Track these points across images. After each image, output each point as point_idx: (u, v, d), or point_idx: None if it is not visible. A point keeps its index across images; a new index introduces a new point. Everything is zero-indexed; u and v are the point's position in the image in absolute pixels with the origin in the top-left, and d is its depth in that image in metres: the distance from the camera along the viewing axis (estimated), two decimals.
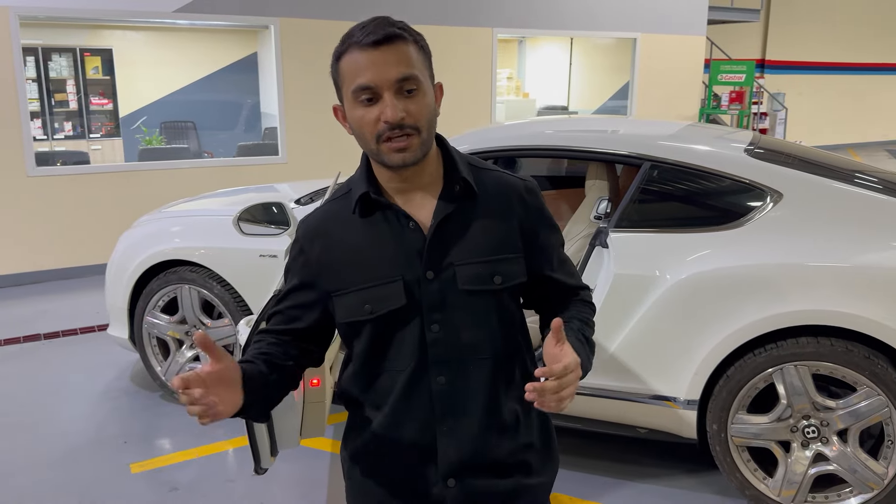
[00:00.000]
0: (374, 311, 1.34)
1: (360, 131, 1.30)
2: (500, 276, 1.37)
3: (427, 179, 1.37)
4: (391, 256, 1.35)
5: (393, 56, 1.25)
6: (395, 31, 1.26)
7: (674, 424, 2.90)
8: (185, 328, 3.81)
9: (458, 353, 1.37)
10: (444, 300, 1.35)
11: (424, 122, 1.29)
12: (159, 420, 3.73)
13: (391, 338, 1.37)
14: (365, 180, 1.36)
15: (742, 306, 2.68)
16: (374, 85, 1.25)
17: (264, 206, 3.51)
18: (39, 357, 4.60)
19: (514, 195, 1.42)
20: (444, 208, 1.35)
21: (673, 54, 10.08)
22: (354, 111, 1.29)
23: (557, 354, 1.24)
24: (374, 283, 1.34)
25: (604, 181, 3.53)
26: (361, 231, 1.37)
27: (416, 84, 1.27)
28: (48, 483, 3.16)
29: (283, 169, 7.34)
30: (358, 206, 1.36)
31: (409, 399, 1.38)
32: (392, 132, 1.25)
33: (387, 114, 1.24)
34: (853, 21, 17.09)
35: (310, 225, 1.43)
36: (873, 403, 2.61)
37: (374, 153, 1.31)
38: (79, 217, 6.44)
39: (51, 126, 8.90)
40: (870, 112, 17.82)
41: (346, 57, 1.29)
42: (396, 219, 1.35)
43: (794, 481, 2.75)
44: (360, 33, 1.27)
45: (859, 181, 2.94)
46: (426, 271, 1.34)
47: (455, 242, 1.36)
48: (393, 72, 1.24)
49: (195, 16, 6.76)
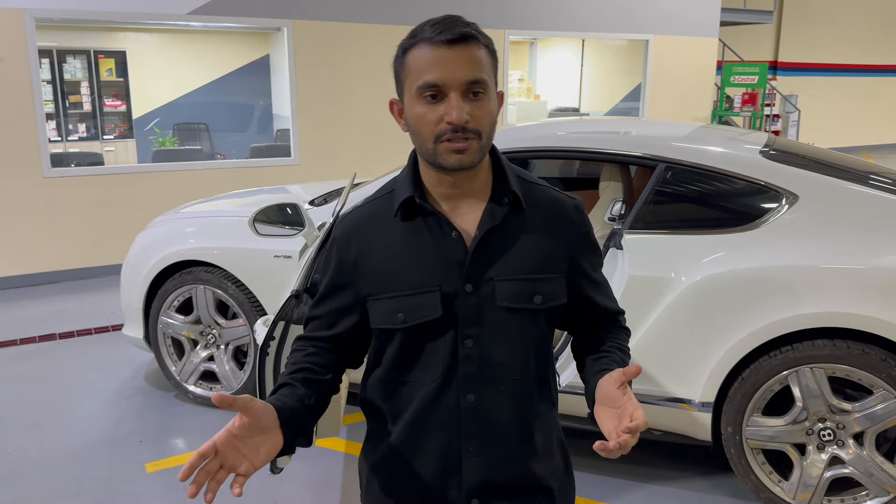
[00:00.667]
0: (406, 320, 1.29)
1: (419, 129, 1.25)
2: (541, 296, 1.32)
3: (476, 188, 1.32)
4: (430, 265, 1.29)
5: (465, 57, 1.21)
6: (470, 31, 1.22)
7: (688, 426, 2.89)
8: (200, 328, 3.83)
9: (490, 371, 1.31)
10: (480, 315, 1.29)
11: (486, 128, 1.24)
12: (174, 419, 3.76)
13: (422, 349, 1.32)
14: (411, 183, 1.31)
15: (758, 308, 2.67)
16: (443, 83, 1.20)
17: (279, 207, 3.52)
18: (55, 356, 4.63)
19: (563, 214, 1.38)
20: (490, 220, 1.30)
21: (685, 56, 10.05)
22: (415, 108, 1.24)
23: (619, 399, 1.19)
24: (410, 291, 1.29)
25: (618, 183, 3.53)
26: (401, 235, 1.31)
27: (483, 88, 1.23)
28: (64, 481, 3.19)
29: (296, 170, 7.37)
30: (400, 210, 1.31)
31: (434, 414, 1.33)
32: (454, 134, 1.21)
33: (451, 115, 1.20)
34: (866, 23, 16.99)
35: (347, 226, 1.37)
36: (890, 406, 2.59)
37: (429, 153, 1.25)
38: (93, 218, 6.49)
39: (65, 127, 8.97)
40: (883, 114, 17.70)
41: (415, 51, 1.23)
42: (439, 226, 1.30)
43: (809, 484, 2.74)
44: (432, 30, 1.21)
45: (874, 183, 2.92)
46: (465, 284, 1.29)
47: (497, 256, 1.30)
48: (463, 73, 1.20)
49: (208, 18, 6.80)
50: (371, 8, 7.51)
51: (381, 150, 7.73)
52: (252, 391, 3.74)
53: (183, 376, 3.90)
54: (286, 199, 3.71)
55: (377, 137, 7.73)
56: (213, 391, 3.86)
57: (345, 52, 7.47)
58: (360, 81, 7.60)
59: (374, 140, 7.73)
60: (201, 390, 3.89)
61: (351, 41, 7.48)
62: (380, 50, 7.58)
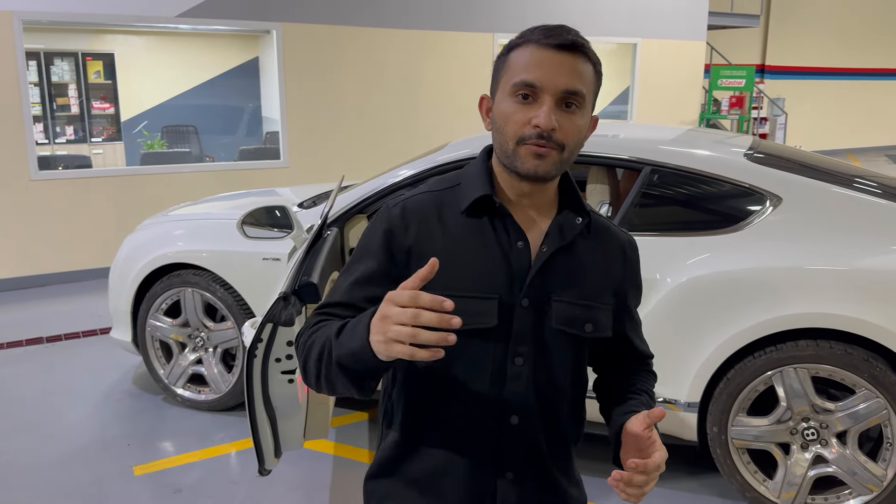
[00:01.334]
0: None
1: (503, 127, 1.19)
2: (592, 325, 1.26)
3: (544, 201, 1.26)
4: (492, 270, 1.21)
5: (569, 65, 1.16)
6: (581, 42, 1.17)
7: (675, 427, 2.92)
8: (188, 331, 3.83)
9: (538, 393, 1.24)
10: (534, 334, 1.23)
11: (572, 143, 1.18)
12: (162, 422, 3.75)
13: (467, 361, 1.22)
14: (486, 181, 1.24)
15: (742, 309, 2.70)
16: (539, 85, 1.15)
17: (268, 210, 3.53)
18: (42, 360, 4.61)
19: (619, 247, 1.33)
20: (560, 238, 1.24)
21: (673, 59, 10.12)
22: (505, 104, 1.18)
23: (644, 441, 1.15)
24: (467, 293, 1.19)
25: (604, 185, 3.55)
26: (465, 232, 1.23)
27: (578, 102, 1.17)
28: (52, 484, 3.18)
29: (285, 173, 7.36)
30: (470, 206, 1.23)
31: (471, 433, 1.23)
32: (538, 140, 1.15)
33: (540, 118, 1.14)
34: (853, 26, 17.15)
35: (409, 207, 1.25)
36: (872, 406, 2.63)
37: (507, 153, 1.19)
38: (81, 221, 6.47)
39: (53, 130, 8.94)
40: (869, 117, 17.87)
41: (520, 50, 1.18)
42: (506, 232, 1.23)
43: (793, 483, 2.77)
44: (543, 33, 1.17)
45: (858, 186, 2.96)
46: (523, 298, 1.21)
47: (559, 276, 1.24)
48: (563, 80, 1.15)
49: (197, 20, 6.79)
50: (360, 11, 7.53)
51: (371, 154, 7.74)
52: (240, 395, 3.74)
53: (171, 379, 3.89)
54: (275, 202, 3.71)
55: (366, 141, 7.74)
56: (201, 395, 3.86)
57: (334, 55, 7.48)
58: (349, 84, 7.61)
59: (363, 143, 7.74)
60: (189, 393, 3.88)
61: (340, 44, 7.49)
62: (369, 53, 7.59)
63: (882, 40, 17.61)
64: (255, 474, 3.23)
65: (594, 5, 9.26)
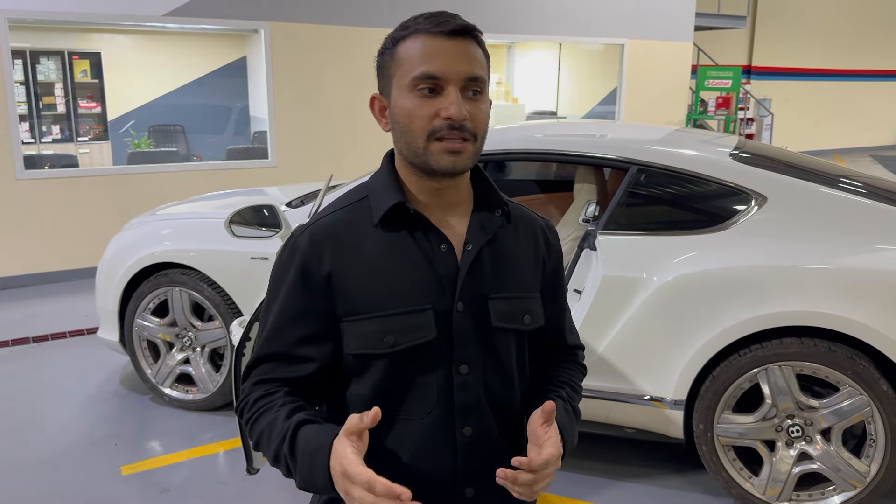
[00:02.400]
0: (396, 342, 1.13)
1: (408, 125, 1.12)
2: (530, 316, 1.23)
3: (459, 198, 1.20)
4: (419, 280, 1.15)
5: (466, 51, 1.11)
6: (471, 26, 1.13)
7: (661, 424, 2.94)
8: (176, 331, 3.82)
9: (488, 399, 1.19)
10: (474, 338, 1.17)
11: (482, 131, 1.14)
12: (150, 422, 3.74)
13: (410, 378, 1.15)
14: (395, 188, 1.17)
15: (727, 308, 2.73)
16: (442, 76, 1.09)
17: (255, 209, 3.52)
18: (28, 360, 4.58)
19: (539, 232, 1.29)
20: (483, 233, 1.19)
21: (660, 60, 10.16)
22: (406, 101, 1.11)
23: (541, 437, 1.10)
24: (399, 309, 1.13)
25: (592, 185, 3.58)
26: (383, 246, 1.16)
27: (481, 87, 1.12)
28: (39, 485, 3.16)
29: (273, 173, 7.35)
30: (383, 217, 1.16)
31: (426, 454, 1.16)
32: (450, 132, 1.09)
33: (450, 110, 1.08)
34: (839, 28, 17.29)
35: (316, 234, 1.17)
36: (856, 403, 2.66)
37: (418, 152, 1.12)
38: (67, 220, 6.43)
39: (39, 129, 8.87)
40: (855, 117, 18.01)
41: (410, 42, 1.11)
42: (426, 237, 1.16)
43: (778, 480, 2.79)
44: (429, 22, 1.11)
45: (843, 185, 2.99)
46: (457, 302, 1.15)
47: (489, 273, 1.19)
48: (465, 67, 1.09)
49: (184, 19, 6.76)
50: (348, 11, 7.52)
51: (359, 153, 7.73)
52: (228, 394, 3.73)
53: (159, 379, 3.88)
54: (263, 201, 3.71)
55: (354, 140, 7.74)
56: (189, 394, 3.85)
57: (322, 54, 7.47)
58: (337, 84, 7.60)
59: (351, 142, 7.73)
60: (177, 393, 3.87)
61: (328, 44, 7.48)
62: (357, 52, 7.58)
63: (868, 42, 17.76)
64: (243, 473, 3.23)
65: (581, 6, 9.29)
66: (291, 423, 1.09)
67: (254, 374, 1.19)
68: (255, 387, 1.18)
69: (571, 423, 1.25)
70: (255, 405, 1.16)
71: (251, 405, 1.17)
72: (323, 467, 1.03)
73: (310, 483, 1.07)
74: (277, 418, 1.11)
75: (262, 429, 1.13)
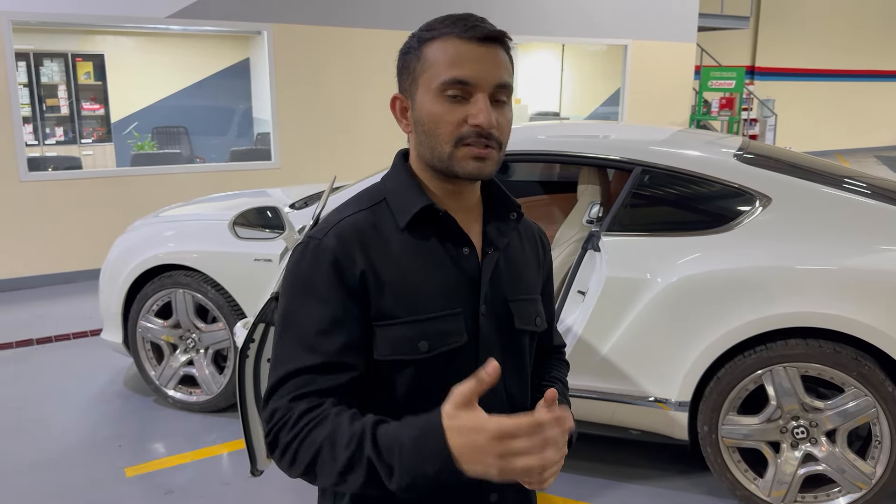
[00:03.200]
0: (431, 348, 1.10)
1: (434, 130, 1.10)
2: (540, 318, 1.24)
3: (473, 200, 1.20)
4: (448, 284, 1.13)
5: (496, 58, 1.09)
6: (502, 32, 1.11)
7: (665, 426, 2.93)
8: (179, 332, 3.82)
9: (510, 401, 1.19)
10: (497, 340, 1.17)
11: (506, 140, 1.13)
12: (153, 424, 3.74)
13: (438, 384, 1.10)
14: (418, 190, 1.15)
15: (732, 309, 2.72)
16: (473, 82, 1.07)
17: (259, 211, 3.52)
18: (32, 362, 4.59)
19: (537, 236, 1.31)
20: (501, 237, 1.19)
21: (663, 61, 10.16)
22: (433, 106, 1.09)
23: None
24: (431, 314, 1.10)
25: (595, 186, 3.57)
26: (410, 249, 1.13)
27: (507, 95, 1.12)
28: (43, 486, 3.17)
29: (276, 174, 7.35)
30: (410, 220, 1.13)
31: None
32: (478, 139, 1.08)
33: (479, 118, 1.06)
34: (842, 28, 17.27)
35: (345, 234, 1.11)
36: (861, 404, 2.65)
37: (443, 157, 1.10)
38: (71, 222, 6.44)
39: (42, 131, 8.89)
40: (859, 118, 17.99)
41: (439, 44, 1.09)
42: (450, 240, 1.15)
43: (783, 482, 2.78)
44: (459, 25, 1.09)
45: (848, 186, 2.98)
46: (482, 305, 1.15)
47: (505, 275, 1.20)
48: (495, 75, 1.08)
49: (188, 21, 6.77)
50: (351, 12, 7.52)
51: (362, 154, 7.74)
52: (232, 396, 3.73)
53: (162, 381, 3.88)
54: (266, 203, 3.71)
55: (358, 141, 7.74)
56: (193, 396, 3.85)
57: (325, 55, 7.48)
58: (340, 85, 7.61)
59: (354, 144, 7.73)
60: (181, 394, 3.87)
61: (331, 45, 7.49)
62: (360, 54, 7.59)
63: (871, 42, 17.74)
64: (247, 475, 3.23)
65: (585, 7, 9.29)
66: (366, 425, 0.99)
67: (287, 389, 1.07)
68: (294, 402, 1.05)
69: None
70: (301, 420, 1.03)
71: (295, 422, 1.03)
72: (439, 448, 0.92)
73: (419, 474, 0.94)
74: (340, 427, 1.00)
75: (320, 443, 1.01)
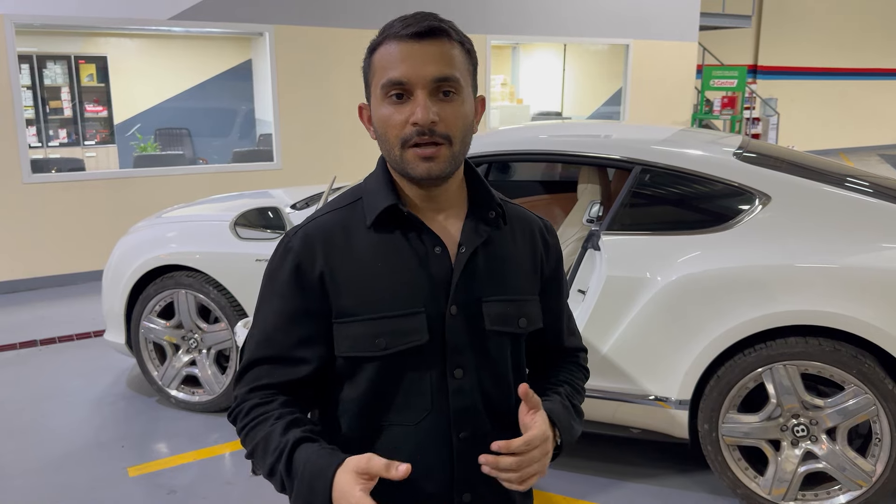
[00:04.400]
0: (388, 346, 1.11)
1: (384, 133, 1.12)
2: (525, 319, 1.21)
3: (451, 200, 1.19)
4: (412, 283, 1.14)
5: (433, 52, 1.08)
6: (440, 25, 1.10)
7: (666, 424, 2.93)
8: (182, 333, 3.84)
9: (483, 404, 1.17)
10: (468, 341, 1.16)
11: (458, 133, 1.11)
12: (156, 424, 3.75)
13: (403, 382, 1.14)
14: (389, 189, 1.16)
15: (731, 307, 2.72)
16: (407, 80, 1.08)
17: (260, 211, 3.54)
18: (36, 363, 4.61)
19: (536, 232, 1.27)
20: (477, 236, 1.18)
21: (665, 60, 10.16)
22: (381, 109, 1.11)
23: (528, 424, 1.10)
24: (391, 312, 1.12)
25: (596, 185, 3.58)
26: (376, 248, 1.14)
27: (454, 87, 1.10)
28: (46, 487, 3.18)
29: (278, 175, 7.37)
30: (376, 219, 1.15)
31: (420, 461, 1.13)
32: (420, 137, 1.08)
33: (417, 115, 1.07)
34: (845, 27, 17.24)
35: (310, 234, 1.16)
36: (861, 402, 2.65)
37: (396, 160, 1.12)
38: (74, 223, 6.46)
39: (45, 133, 8.92)
40: (861, 117, 17.95)
41: (381, 49, 1.11)
42: (420, 240, 1.15)
43: (784, 479, 2.79)
44: (400, 24, 1.10)
45: (849, 185, 2.98)
46: (450, 305, 1.14)
47: (482, 275, 1.17)
48: (430, 69, 1.07)
49: (190, 23, 6.79)
50: (353, 13, 7.54)
51: (364, 155, 7.74)
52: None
53: (165, 381, 3.89)
54: (267, 204, 3.72)
55: (360, 142, 7.75)
56: (195, 396, 3.86)
57: (327, 57, 7.49)
58: (342, 86, 7.62)
59: (356, 145, 7.75)
60: (183, 395, 3.89)
61: (333, 46, 7.50)
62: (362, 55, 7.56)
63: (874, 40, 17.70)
64: (249, 475, 3.24)
65: (586, 6, 9.29)
66: (289, 441, 1.08)
67: (247, 379, 1.18)
68: (250, 394, 1.16)
69: (568, 417, 1.23)
70: (249, 414, 1.15)
71: (245, 413, 1.15)
72: (324, 495, 1.03)
73: (308, 502, 1.07)
74: (273, 432, 1.10)
75: (257, 441, 1.13)
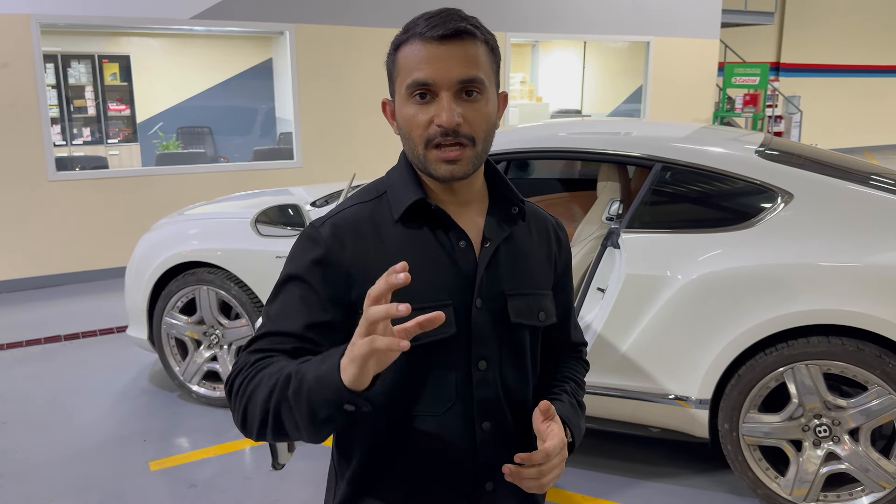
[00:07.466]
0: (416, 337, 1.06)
1: (408, 133, 1.13)
2: (544, 313, 1.24)
3: (473, 195, 1.21)
4: (440, 276, 1.15)
5: (459, 53, 1.09)
6: (466, 26, 1.10)
7: (686, 424, 2.92)
8: (203, 329, 3.87)
9: (504, 395, 1.20)
10: (493, 333, 1.18)
11: (481, 133, 1.12)
12: (178, 419, 3.79)
13: (428, 374, 1.16)
14: (415, 184, 1.18)
15: (753, 306, 2.70)
16: (433, 82, 1.09)
17: (281, 209, 3.56)
18: (60, 358, 4.68)
19: (552, 230, 1.31)
20: (500, 230, 1.20)
21: (686, 57, 10.08)
22: (405, 109, 1.12)
23: (543, 433, 1.12)
24: (419, 305, 1.09)
25: (615, 183, 3.56)
26: (404, 241, 1.16)
27: (479, 88, 1.11)
28: (70, 479, 3.23)
29: (298, 173, 7.41)
30: (404, 213, 1.16)
31: (445, 451, 1.17)
32: (444, 139, 1.09)
33: (441, 117, 1.08)
34: (869, 23, 17.00)
35: (338, 225, 1.17)
36: (884, 402, 2.62)
37: (419, 160, 1.14)
38: (98, 221, 6.54)
39: (70, 132, 9.03)
40: (886, 114, 17.70)
41: (406, 48, 1.12)
42: (445, 234, 1.17)
43: (805, 480, 2.76)
44: (426, 24, 1.10)
45: (874, 183, 2.94)
46: (476, 299, 1.16)
47: (505, 270, 1.20)
48: (456, 71, 1.09)
49: (211, 22, 6.85)
50: (373, 11, 7.56)
51: (383, 154, 7.77)
52: None
53: (187, 376, 3.93)
54: (288, 201, 3.74)
55: (379, 141, 7.77)
56: (216, 391, 3.90)
57: (347, 55, 7.52)
58: (362, 84, 7.65)
59: (376, 143, 7.77)
60: (204, 390, 3.92)
61: (353, 45, 7.53)
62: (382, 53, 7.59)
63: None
64: (269, 469, 3.27)
65: (607, 4, 9.24)
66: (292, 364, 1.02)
67: (252, 348, 1.13)
68: (252, 354, 1.11)
69: (577, 416, 1.27)
70: (251, 368, 1.08)
71: (246, 369, 1.09)
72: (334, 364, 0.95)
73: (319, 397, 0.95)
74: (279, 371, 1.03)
75: (254, 387, 1.05)
